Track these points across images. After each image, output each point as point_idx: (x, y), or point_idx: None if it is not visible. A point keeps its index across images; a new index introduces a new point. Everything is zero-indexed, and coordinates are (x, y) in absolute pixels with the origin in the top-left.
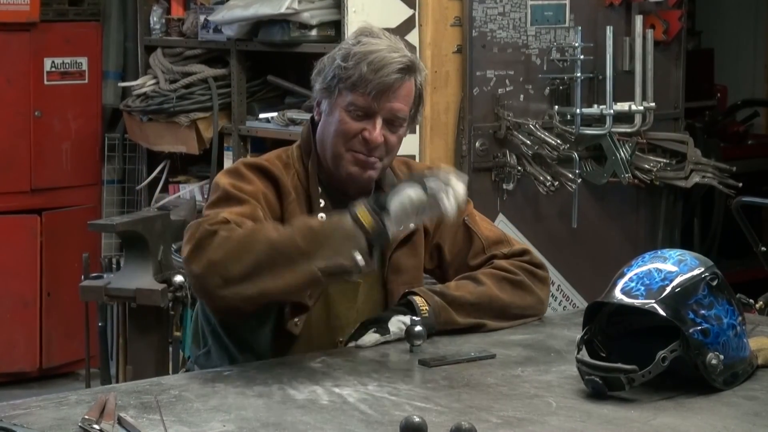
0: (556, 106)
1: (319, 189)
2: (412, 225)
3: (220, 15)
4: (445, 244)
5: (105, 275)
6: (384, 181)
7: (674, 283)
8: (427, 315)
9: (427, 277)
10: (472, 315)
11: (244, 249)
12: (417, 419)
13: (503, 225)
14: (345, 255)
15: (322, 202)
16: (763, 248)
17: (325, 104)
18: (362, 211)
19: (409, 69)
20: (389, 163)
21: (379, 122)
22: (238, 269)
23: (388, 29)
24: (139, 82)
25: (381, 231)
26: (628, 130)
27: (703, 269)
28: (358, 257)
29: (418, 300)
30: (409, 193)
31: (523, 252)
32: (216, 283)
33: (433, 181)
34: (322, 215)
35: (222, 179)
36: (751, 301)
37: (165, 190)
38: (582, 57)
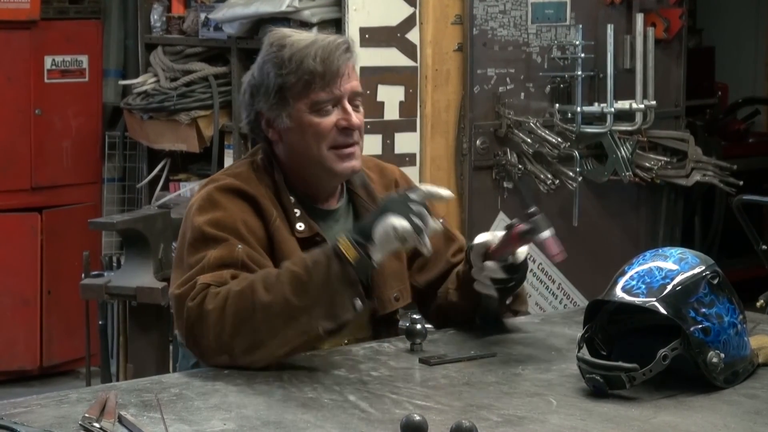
0: (557, 105)
1: (292, 199)
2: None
3: (221, 13)
4: None
5: (105, 273)
6: (354, 183)
7: (675, 282)
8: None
9: None
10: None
11: (241, 322)
12: (417, 418)
13: (503, 223)
14: (342, 306)
15: (297, 212)
16: (764, 246)
17: (282, 120)
18: (346, 245)
19: (351, 47)
20: (362, 144)
21: (348, 106)
22: (241, 344)
23: (388, 27)
24: (139, 80)
25: (367, 264)
26: (629, 128)
27: (703, 267)
28: (358, 303)
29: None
30: (393, 223)
31: None
32: (224, 361)
33: (416, 207)
34: (302, 254)
35: (196, 217)
36: None
37: (165, 188)
38: (583, 55)
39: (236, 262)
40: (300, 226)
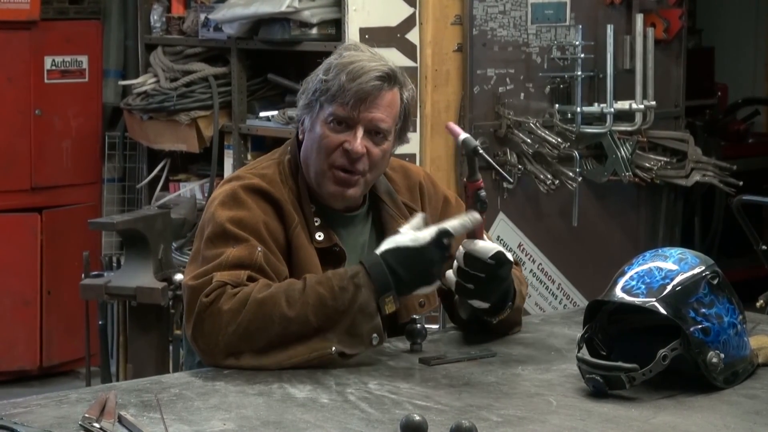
0: (557, 105)
1: (313, 207)
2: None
3: (221, 13)
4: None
5: (105, 273)
6: (378, 188)
7: (675, 282)
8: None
9: None
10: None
11: (256, 329)
12: (417, 418)
13: (504, 224)
14: (359, 337)
15: (317, 221)
16: (764, 246)
17: (307, 121)
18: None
19: (389, 78)
20: (374, 178)
21: (359, 133)
22: (250, 347)
23: (388, 28)
24: (139, 80)
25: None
26: (629, 128)
27: (703, 268)
28: (375, 338)
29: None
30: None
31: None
32: (229, 362)
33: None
34: (327, 273)
35: (219, 211)
36: None
37: (165, 188)
38: (582, 55)
39: (254, 265)
40: (319, 235)
